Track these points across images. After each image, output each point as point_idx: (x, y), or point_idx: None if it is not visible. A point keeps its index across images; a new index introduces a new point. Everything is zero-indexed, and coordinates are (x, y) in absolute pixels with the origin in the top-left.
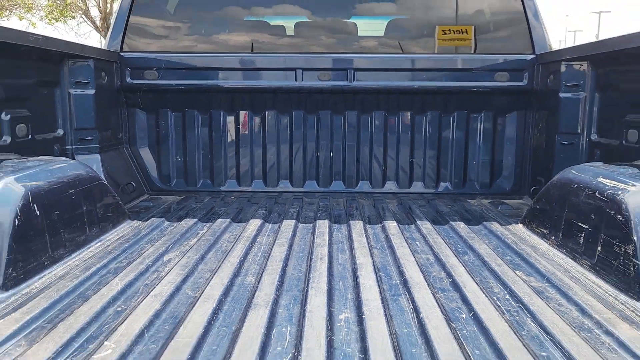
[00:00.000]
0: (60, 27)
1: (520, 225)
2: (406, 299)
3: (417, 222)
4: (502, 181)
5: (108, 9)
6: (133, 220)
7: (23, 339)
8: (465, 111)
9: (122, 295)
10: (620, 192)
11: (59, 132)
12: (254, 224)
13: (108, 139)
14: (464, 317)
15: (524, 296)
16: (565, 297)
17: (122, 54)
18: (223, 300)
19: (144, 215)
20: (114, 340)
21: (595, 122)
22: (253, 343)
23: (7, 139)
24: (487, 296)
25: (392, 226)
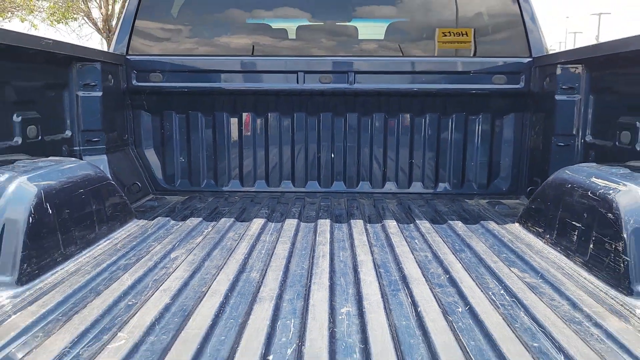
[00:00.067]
0: (62, 29)
1: (517, 225)
2: (405, 293)
3: (416, 221)
4: (499, 182)
5: (110, 10)
6: (140, 219)
7: (40, 331)
8: (464, 113)
9: (132, 290)
10: (611, 191)
11: (67, 134)
12: (258, 223)
13: (114, 140)
14: (460, 310)
15: (518, 291)
16: (557, 292)
17: (128, 56)
18: (229, 294)
19: (150, 214)
20: (126, 331)
21: (590, 124)
22: (259, 334)
23: (19, 140)
24: (482, 291)
25: (392, 225)
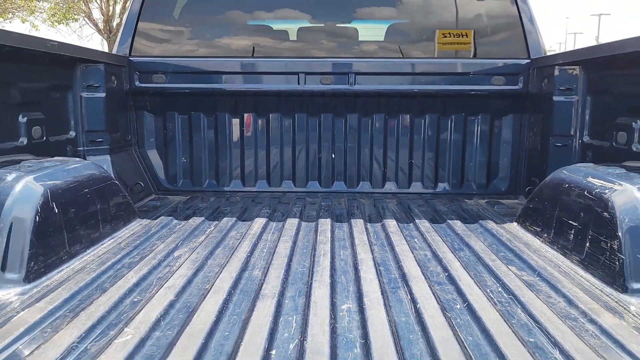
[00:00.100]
0: (62, 30)
1: (515, 224)
2: (404, 291)
3: (416, 220)
4: (498, 182)
5: (110, 11)
6: (143, 218)
7: (48, 326)
8: (463, 114)
9: (137, 287)
10: (607, 191)
11: (72, 134)
12: (259, 222)
13: (117, 141)
14: (459, 307)
15: (516, 289)
16: (554, 289)
17: (131, 58)
18: (232, 292)
19: (153, 214)
20: (133, 327)
21: (587, 125)
22: (262, 330)
23: (24, 141)
24: (480, 289)
25: (392, 224)
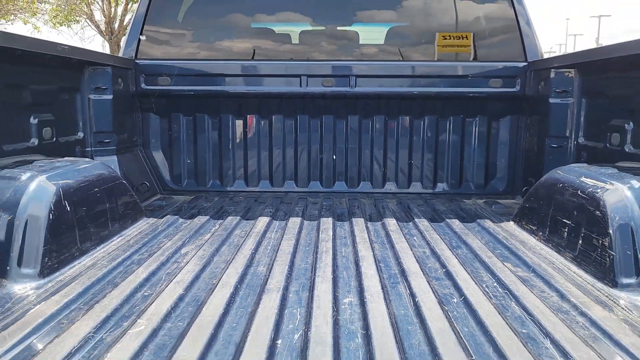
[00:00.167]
0: (64, 31)
1: (512, 223)
2: (404, 286)
3: (415, 219)
4: (496, 182)
5: (112, 13)
6: (149, 217)
7: (64, 318)
8: (461, 116)
9: (147, 282)
10: (599, 190)
11: (80, 135)
12: (263, 221)
13: (124, 142)
14: (455, 301)
15: (510, 284)
16: (547, 284)
17: (137, 61)
18: (239, 286)
19: (159, 213)
20: (145, 318)
21: (582, 127)
22: (268, 321)
23: (35, 141)
24: (476, 284)
25: (392, 223)
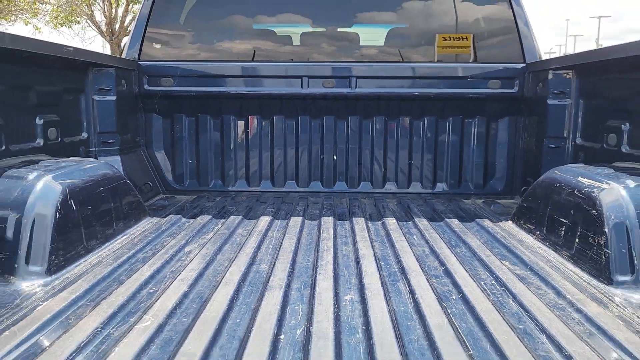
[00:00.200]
0: (65, 32)
1: (510, 222)
2: (403, 283)
3: (415, 219)
4: (494, 182)
5: (113, 14)
6: (152, 217)
7: (72, 314)
8: (460, 117)
9: (152, 279)
10: (595, 189)
11: (84, 136)
12: (264, 220)
13: (127, 142)
14: (454, 297)
15: (508, 281)
16: (544, 282)
17: (140, 62)
18: (242, 284)
19: (162, 212)
20: (151, 314)
21: (580, 127)
22: (271, 317)
23: (41, 142)
24: (475, 281)
25: (392, 222)
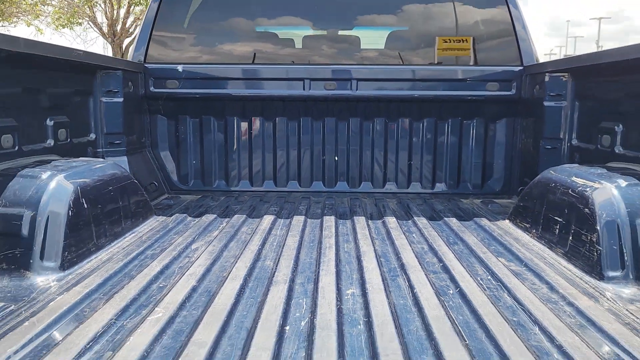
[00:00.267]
0: (67, 34)
1: (507, 221)
2: (403, 278)
3: (414, 218)
4: (492, 182)
5: (114, 15)
6: (159, 215)
7: (86, 307)
8: (459, 118)
9: (161, 274)
10: (588, 189)
11: (92, 137)
12: (268, 219)
13: (133, 143)
14: (451, 292)
15: (503, 277)
16: (538, 277)
17: (146, 64)
18: (248, 279)
19: (168, 211)
20: (162, 307)
21: (575, 129)
22: (276, 310)
23: (51, 142)
24: (471, 277)
25: (392, 221)
